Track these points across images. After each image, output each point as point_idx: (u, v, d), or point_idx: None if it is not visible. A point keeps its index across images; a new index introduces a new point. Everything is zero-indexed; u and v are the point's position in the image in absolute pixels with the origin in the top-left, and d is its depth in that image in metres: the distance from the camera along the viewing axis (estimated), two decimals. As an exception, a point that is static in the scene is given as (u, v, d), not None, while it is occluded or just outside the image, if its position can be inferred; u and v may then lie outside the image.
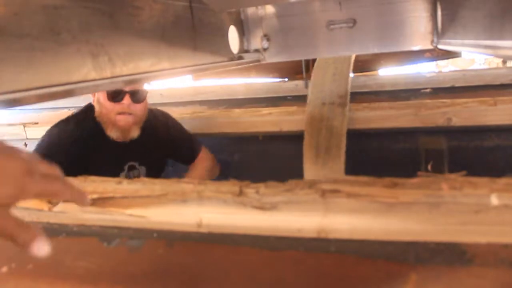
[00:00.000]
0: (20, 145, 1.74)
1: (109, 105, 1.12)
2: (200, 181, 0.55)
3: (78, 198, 0.42)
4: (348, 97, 1.40)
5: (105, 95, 1.13)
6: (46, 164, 0.39)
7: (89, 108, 1.21)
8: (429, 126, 1.37)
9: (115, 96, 1.11)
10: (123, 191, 0.55)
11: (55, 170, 0.40)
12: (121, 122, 1.14)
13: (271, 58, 1.19)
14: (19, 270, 0.48)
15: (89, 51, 0.55)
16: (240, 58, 1.08)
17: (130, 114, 1.14)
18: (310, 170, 1.32)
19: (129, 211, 0.53)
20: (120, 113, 1.13)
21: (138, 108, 1.16)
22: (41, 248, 0.35)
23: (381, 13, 1.08)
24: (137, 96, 1.14)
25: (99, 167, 1.03)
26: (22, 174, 0.35)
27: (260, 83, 1.96)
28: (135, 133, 1.18)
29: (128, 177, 1.19)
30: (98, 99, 1.16)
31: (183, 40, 0.80)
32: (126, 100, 1.12)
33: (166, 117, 1.37)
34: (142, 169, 1.25)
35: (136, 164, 1.23)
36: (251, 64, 1.16)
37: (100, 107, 1.15)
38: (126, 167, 1.22)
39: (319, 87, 1.45)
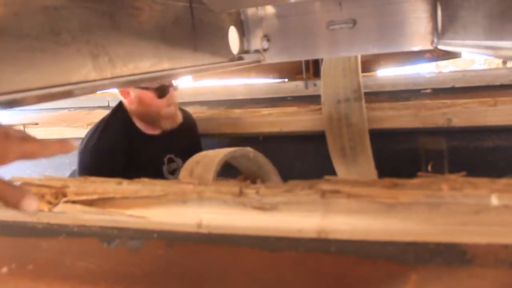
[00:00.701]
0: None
1: (159, 102, 1.20)
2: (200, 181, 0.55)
3: (61, 148, 0.44)
4: (362, 90, 1.39)
5: (151, 95, 1.19)
6: (21, 131, 0.43)
7: (118, 110, 1.27)
8: (429, 126, 1.37)
9: (162, 93, 1.20)
10: (123, 192, 0.55)
11: (30, 135, 0.43)
12: (171, 111, 1.23)
13: (271, 58, 1.19)
14: (19, 270, 0.48)
15: (89, 51, 0.55)
16: (240, 58, 1.08)
17: (174, 103, 1.25)
18: (341, 170, 1.32)
19: (129, 211, 0.53)
20: (169, 105, 1.23)
21: (175, 95, 1.26)
22: (30, 204, 0.39)
23: (381, 14, 1.08)
24: (174, 86, 1.23)
25: (143, 164, 1.18)
26: (0, 139, 0.37)
27: (260, 84, 1.96)
28: (180, 117, 1.28)
29: (169, 169, 1.28)
30: (141, 100, 1.21)
31: (183, 40, 0.80)
32: (171, 92, 1.22)
33: (187, 112, 1.46)
34: (179, 161, 1.30)
35: (172, 156, 1.29)
36: (251, 65, 1.16)
37: (145, 106, 1.21)
38: (165, 160, 1.28)
39: (331, 85, 1.44)
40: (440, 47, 1.04)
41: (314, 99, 1.59)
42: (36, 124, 1.79)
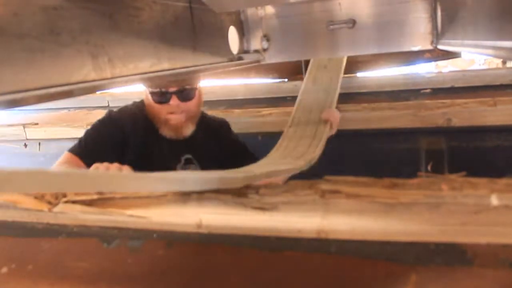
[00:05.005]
0: (20, 146, 1.74)
1: (157, 107, 1.11)
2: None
3: None
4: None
5: (151, 98, 1.10)
6: None
7: (141, 103, 1.20)
8: (429, 126, 1.37)
9: (160, 98, 1.10)
10: (123, 192, 0.55)
11: None
12: (172, 121, 1.12)
13: (271, 58, 1.19)
14: (19, 270, 0.48)
15: (89, 52, 0.55)
16: (240, 58, 1.08)
17: (181, 112, 1.12)
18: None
19: (129, 211, 0.53)
20: (171, 113, 1.11)
21: (189, 106, 1.13)
22: None
23: (381, 14, 1.08)
24: (184, 95, 1.11)
25: (155, 159, 1.09)
26: None
27: (259, 84, 1.96)
28: (188, 130, 1.16)
29: (184, 169, 1.17)
30: (147, 99, 1.14)
31: (183, 40, 0.80)
32: (174, 101, 1.10)
33: (223, 121, 1.35)
34: (198, 165, 1.22)
35: (191, 157, 1.20)
36: (251, 65, 1.16)
37: (150, 108, 1.14)
38: (183, 159, 1.18)
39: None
40: (440, 47, 1.04)
41: (314, 99, 1.59)
42: (36, 124, 1.79)
